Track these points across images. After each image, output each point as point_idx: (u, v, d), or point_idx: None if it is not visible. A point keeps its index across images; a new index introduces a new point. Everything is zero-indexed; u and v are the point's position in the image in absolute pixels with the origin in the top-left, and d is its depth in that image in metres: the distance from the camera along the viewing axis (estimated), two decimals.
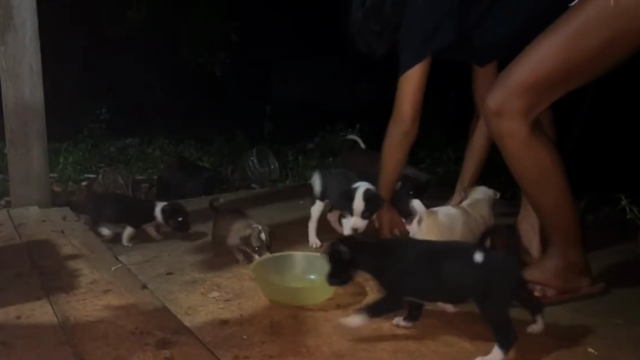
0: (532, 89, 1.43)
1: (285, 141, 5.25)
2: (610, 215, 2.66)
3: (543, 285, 1.56)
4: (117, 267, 1.74)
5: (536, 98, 1.44)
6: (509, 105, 1.44)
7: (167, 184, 3.50)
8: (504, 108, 1.45)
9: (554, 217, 1.56)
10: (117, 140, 5.47)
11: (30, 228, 2.18)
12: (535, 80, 1.43)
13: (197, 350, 1.22)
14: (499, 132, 1.48)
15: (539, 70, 1.42)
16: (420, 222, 1.63)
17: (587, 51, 1.38)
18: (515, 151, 1.48)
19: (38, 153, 2.58)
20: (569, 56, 1.39)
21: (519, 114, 1.44)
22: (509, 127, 1.45)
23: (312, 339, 1.32)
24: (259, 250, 1.80)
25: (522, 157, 1.48)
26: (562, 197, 1.52)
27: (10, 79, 2.50)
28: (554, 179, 1.50)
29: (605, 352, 1.29)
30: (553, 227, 1.58)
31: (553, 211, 1.55)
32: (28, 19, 2.49)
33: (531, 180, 1.52)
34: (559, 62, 1.40)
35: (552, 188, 1.51)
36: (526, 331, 1.38)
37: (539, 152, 1.47)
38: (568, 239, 1.57)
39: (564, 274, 1.57)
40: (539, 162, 1.48)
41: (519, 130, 1.45)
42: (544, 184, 1.50)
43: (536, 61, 1.43)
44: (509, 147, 1.49)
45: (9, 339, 1.24)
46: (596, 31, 1.36)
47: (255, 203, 2.84)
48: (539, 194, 1.54)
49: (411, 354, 1.26)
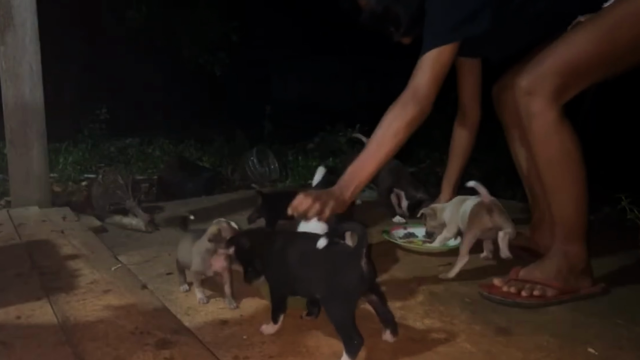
0: (565, 73, 1.48)
1: (285, 141, 5.25)
2: (610, 215, 2.66)
3: (543, 285, 1.56)
4: (117, 267, 1.74)
5: (568, 82, 1.48)
6: (542, 85, 1.48)
7: (167, 184, 3.50)
8: (536, 87, 1.49)
9: (565, 207, 1.57)
10: (117, 140, 5.47)
11: (30, 228, 2.18)
12: (568, 65, 1.48)
13: (197, 350, 1.22)
14: (529, 110, 1.51)
15: (573, 56, 1.48)
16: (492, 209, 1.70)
17: (619, 44, 1.45)
18: (542, 132, 1.51)
19: (38, 153, 2.58)
20: (602, 47, 1.46)
21: (550, 95, 1.48)
22: (540, 106, 1.49)
23: (312, 339, 1.32)
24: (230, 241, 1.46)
25: (548, 138, 1.51)
26: (577, 187, 1.54)
27: (10, 79, 2.50)
28: (574, 166, 1.52)
29: (605, 352, 1.29)
30: (561, 219, 1.58)
31: (566, 200, 1.56)
32: (28, 19, 2.49)
33: (552, 163, 1.53)
34: (593, 51, 1.47)
35: (571, 174, 1.53)
36: (529, 334, 1.38)
37: (564, 135, 1.50)
38: (573, 233, 1.57)
39: (565, 274, 1.57)
40: (563, 146, 1.51)
41: (548, 110, 1.49)
42: (564, 168, 1.53)
43: (571, 48, 1.49)
44: (537, 127, 1.51)
45: (9, 339, 1.24)
46: (630, 27, 1.43)
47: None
48: (556, 179, 1.55)
49: (411, 354, 1.26)
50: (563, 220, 1.58)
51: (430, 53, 1.57)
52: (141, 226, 2.32)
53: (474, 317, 1.47)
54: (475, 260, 1.91)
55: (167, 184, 3.50)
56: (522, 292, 1.56)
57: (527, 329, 1.40)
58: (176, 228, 2.19)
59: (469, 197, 1.87)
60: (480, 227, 1.74)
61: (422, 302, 1.57)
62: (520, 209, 2.59)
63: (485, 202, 1.73)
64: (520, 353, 1.27)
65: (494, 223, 1.73)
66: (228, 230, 1.46)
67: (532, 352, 1.28)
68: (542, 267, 1.60)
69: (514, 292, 1.56)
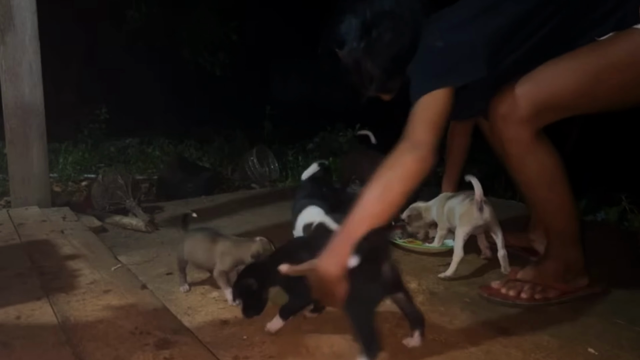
0: (540, 103, 1.42)
1: (285, 141, 5.25)
2: (610, 215, 2.66)
3: (543, 285, 1.56)
4: (117, 267, 1.74)
5: (543, 111, 1.44)
6: (516, 111, 1.44)
7: (167, 184, 3.50)
8: (511, 113, 1.45)
9: (554, 218, 1.56)
10: (117, 140, 5.47)
11: (30, 228, 2.18)
12: (545, 95, 1.42)
13: (197, 350, 1.21)
14: (503, 135, 1.48)
15: (551, 87, 1.42)
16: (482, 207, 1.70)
17: (604, 85, 1.37)
18: (517, 155, 1.49)
19: (38, 153, 2.58)
20: (585, 84, 1.38)
21: (524, 120, 1.44)
22: (513, 131, 1.46)
23: (312, 339, 1.32)
24: None
25: (524, 160, 1.49)
26: (562, 200, 1.52)
27: (10, 79, 2.50)
28: (555, 184, 1.50)
29: (605, 352, 1.29)
30: (553, 228, 1.58)
31: (553, 213, 1.55)
32: (28, 19, 2.49)
33: (533, 184, 1.52)
34: (573, 86, 1.40)
35: (552, 190, 1.51)
36: (529, 334, 1.38)
37: (539, 155, 1.48)
38: (567, 239, 1.57)
39: (563, 274, 1.57)
40: (541, 166, 1.48)
41: (522, 134, 1.45)
42: (545, 187, 1.51)
43: (552, 78, 1.42)
44: (513, 151, 1.49)
45: (8, 339, 1.24)
46: (620, 71, 1.34)
47: (255, 203, 2.84)
48: (540, 197, 1.54)
49: (411, 354, 1.26)
50: (555, 231, 1.58)
51: (421, 100, 1.36)
52: (141, 226, 2.32)
53: (474, 317, 1.47)
54: (476, 260, 1.92)
55: (167, 184, 3.50)
56: (522, 293, 1.56)
57: (527, 329, 1.40)
58: (178, 228, 2.21)
59: (454, 194, 1.91)
60: (472, 224, 1.76)
61: (422, 302, 1.57)
62: (520, 209, 2.59)
63: (477, 200, 1.74)
64: (520, 353, 1.27)
65: (485, 220, 1.75)
66: (268, 250, 1.52)
67: (532, 352, 1.28)
68: (540, 268, 1.61)
69: (513, 294, 1.56)
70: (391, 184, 1.26)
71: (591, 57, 1.38)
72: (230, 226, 2.37)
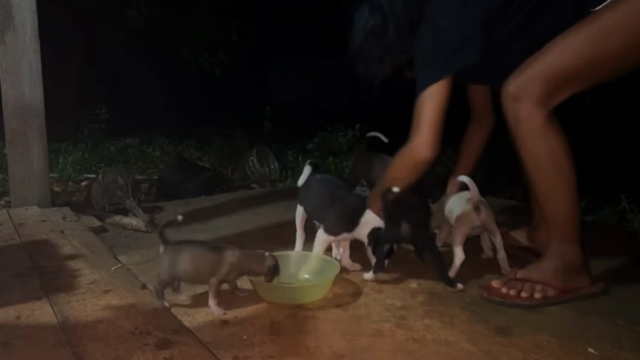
0: (551, 79, 1.47)
1: (285, 141, 5.25)
2: (610, 215, 2.66)
3: (543, 285, 1.56)
4: (117, 267, 1.74)
5: (554, 88, 1.48)
6: (529, 90, 1.48)
7: (167, 184, 3.50)
8: (524, 93, 1.49)
9: (557, 208, 1.57)
10: (117, 140, 5.47)
11: (30, 228, 2.18)
12: (555, 71, 1.48)
13: (197, 350, 1.22)
14: (516, 116, 1.52)
15: (560, 62, 1.47)
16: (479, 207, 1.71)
17: (609, 51, 1.43)
18: (529, 136, 1.51)
19: (38, 153, 2.58)
20: (591, 54, 1.44)
21: (537, 100, 1.48)
22: (527, 111, 1.49)
23: (312, 339, 1.32)
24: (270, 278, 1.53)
25: (536, 143, 1.51)
26: (567, 189, 1.54)
27: (10, 79, 2.50)
28: (562, 169, 1.52)
29: (605, 352, 1.29)
30: (555, 220, 1.58)
31: (557, 202, 1.56)
32: (28, 18, 2.49)
33: (540, 167, 1.54)
34: (581, 58, 1.46)
35: (559, 177, 1.53)
36: (529, 334, 1.38)
37: (551, 139, 1.50)
38: (568, 234, 1.57)
39: (563, 273, 1.57)
40: (551, 150, 1.51)
41: (535, 115, 1.49)
42: (552, 172, 1.53)
43: (559, 54, 1.48)
44: (524, 132, 1.52)
45: (8, 339, 1.24)
46: (620, 34, 1.41)
47: (255, 203, 2.84)
48: (545, 182, 1.55)
49: (411, 354, 1.26)
50: (556, 222, 1.58)
51: (424, 94, 1.61)
52: (141, 226, 2.32)
53: (474, 317, 1.47)
54: (476, 260, 1.92)
55: (167, 184, 3.50)
56: (522, 292, 1.56)
57: (527, 329, 1.40)
58: (178, 228, 2.21)
59: (453, 195, 1.90)
60: (469, 225, 1.75)
61: (422, 302, 1.57)
62: (520, 209, 2.59)
63: (474, 200, 1.74)
64: (520, 353, 1.27)
65: (482, 221, 1.74)
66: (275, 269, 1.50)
67: (532, 352, 1.28)
68: (539, 267, 1.61)
69: (513, 294, 1.56)
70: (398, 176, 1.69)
71: (590, 28, 1.45)
72: (230, 226, 2.37)
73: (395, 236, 1.68)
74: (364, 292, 1.63)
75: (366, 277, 1.72)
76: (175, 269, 1.47)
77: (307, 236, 2.07)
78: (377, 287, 1.68)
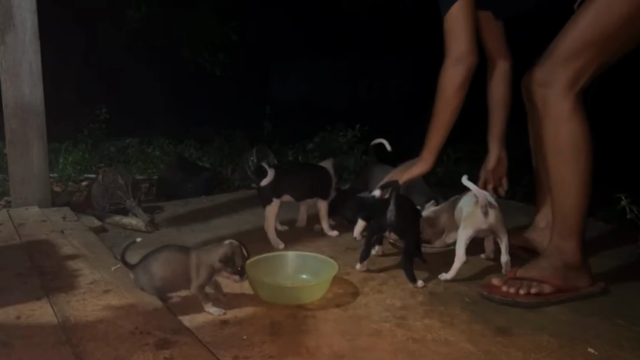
0: (575, 58, 1.51)
1: (285, 141, 5.25)
2: (610, 215, 2.66)
3: (540, 282, 1.55)
4: (117, 267, 1.74)
5: (579, 68, 1.51)
6: (554, 75, 1.52)
7: (167, 184, 3.50)
8: (551, 78, 1.53)
9: (568, 198, 1.57)
10: (117, 140, 5.46)
11: (30, 228, 2.18)
12: (576, 51, 1.51)
13: (197, 350, 1.22)
14: (545, 100, 1.55)
15: (580, 41, 1.52)
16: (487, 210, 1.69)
17: (619, 18, 1.46)
18: (554, 120, 1.54)
19: (38, 153, 2.58)
20: (608, 25, 1.48)
21: (563, 84, 1.51)
22: (554, 96, 1.52)
23: (312, 339, 1.32)
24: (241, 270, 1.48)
25: (560, 126, 1.54)
26: (582, 179, 1.55)
27: (10, 79, 2.49)
28: (581, 157, 1.54)
29: (605, 352, 1.30)
30: (562, 211, 1.59)
31: (567, 191, 1.57)
32: (28, 18, 2.49)
33: (560, 152, 1.56)
34: (599, 31, 1.49)
35: (577, 166, 1.55)
36: (529, 334, 1.38)
37: (576, 126, 1.53)
38: (570, 229, 1.58)
39: (562, 272, 1.57)
40: (574, 136, 1.53)
41: (563, 100, 1.52)
42: (571, 158, 1.55)
43: (578, 33, 1.52)
44: (550, 115, 1.55)
45: (8, 339, 1.24)
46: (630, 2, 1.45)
47: (255, 203, 2.83)
48: (561, 168, 1.57)
49: (411, 354, 1.26)
50: (561, 213, 1.59)
51: (449, 15, 1.69)
52: (141, 226, 2.32)
53: (474, 317, 1.47)
54: (476, 260, 1.91)
55: (167, 184, 3.50)
56: (520, 290, 1.56)
57: (527, 329, 1.40)
58: (178, 227, 2.21)
59: (460, 196, 1.85)
60: (475, 227, 1.72)
61: (422, 302, 1.57)
62: (519, 208, 2.59)
63: (481, 204, 1.71)
64: (520, 353, 1.27)
65: (489, 224, 1.71)
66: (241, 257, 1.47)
67: (532, 352, 1.28)
68: (538, 265, 1.61)
69: (512, 292, 1.57)
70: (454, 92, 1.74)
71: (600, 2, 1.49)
72: (230, 226, 2.37)
73: (383, 227, 1.73)
74: (364, 292, 1.63)
75: (357, 268, 1.80)
76: (153, 280, 1.48)
77: (307, 240, 2.07)
78: (377, 287, 1.68)
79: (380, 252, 1.96)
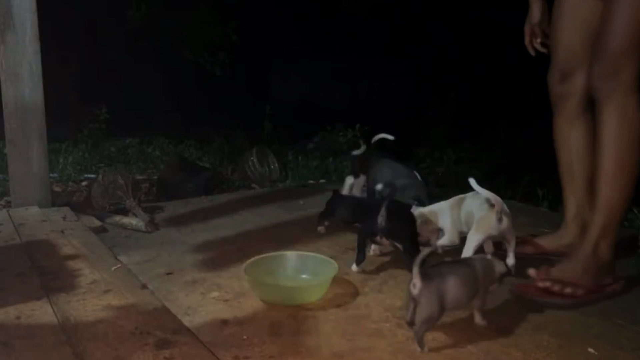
0: (628, 53, 1.47)
1: (285, 141, 5.25)
2: None
3: (574, 285, 1.54)
4: (117, 267, 1.74)
5: (634, 62, 1.48)
6: (612, 69, 1.49)
7: (167, 184, 3.50)
8: (609, 71, 1.50)
9: (615, 192, 1.55)
10: (117, 140, 5.47)
11: (30, 228, 2.18)
12: (627, 43, 1.47)
13: (197, 350, 1.22)
14: (609, 95, 1.51)
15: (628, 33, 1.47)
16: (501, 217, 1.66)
17: None
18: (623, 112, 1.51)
19: (38, 153, 2.58)
20: None
21: (623, 77, 1.48)
22: (623, 90, 1.49)
23: (312, 339, 1.32)
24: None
25: (627, 120, 1.51)
26: (632, 174, 1.54)
27: (10, 79, 2.49)
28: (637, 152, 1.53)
29: (605, 352, 1.30)
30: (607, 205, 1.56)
31: (618, 185, 1.55)
32: (28, 19, 2.49)
33: (618, 147, 1.54)
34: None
35: (631, 160, 1.53)
36: (529, 334, 1.38)
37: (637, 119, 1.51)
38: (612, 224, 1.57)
39: (593, 270, 1.56)
40: (634, 129, 1.52)
41: (632, 93, 1.50)
42: (628, 152, 1.53)
43: (622, 25, 1.48)
44: (617, 108, 1.51)
45: (8, 339, 1.24)
46: None
47: (255, 203, 2.84)
48: (617, 161, 1.54)
49: (411, 354, 1.26)
50: (609, 208, 1.56)
51: None
52: (141, 226, 2.31)
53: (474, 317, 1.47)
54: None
55: (167, 184, 3.50)
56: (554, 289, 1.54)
57: (527, 329, 1.40)
58: (178, 227, 2.20)
59: (466, 195, 1.81)
60: (488, 233, 1.70)
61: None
62: (519, 209, 2.59)
63: (498, 209, 1.67)
64: (520, 353, 1.27)
65: (501, 230, 1.69)
66: None
67: (532, 352, 1.28)
68: (570, 266, 1.59)
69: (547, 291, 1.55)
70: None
71: None
72: (230, 226, 2.37)
73: (374, 231, 1.72)
74: (364, 292, 1.63)
75: (353, 269, 1.78)
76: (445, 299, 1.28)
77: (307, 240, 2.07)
78: (377, 287, 1.68)
79: (378, 252, 1.95)
